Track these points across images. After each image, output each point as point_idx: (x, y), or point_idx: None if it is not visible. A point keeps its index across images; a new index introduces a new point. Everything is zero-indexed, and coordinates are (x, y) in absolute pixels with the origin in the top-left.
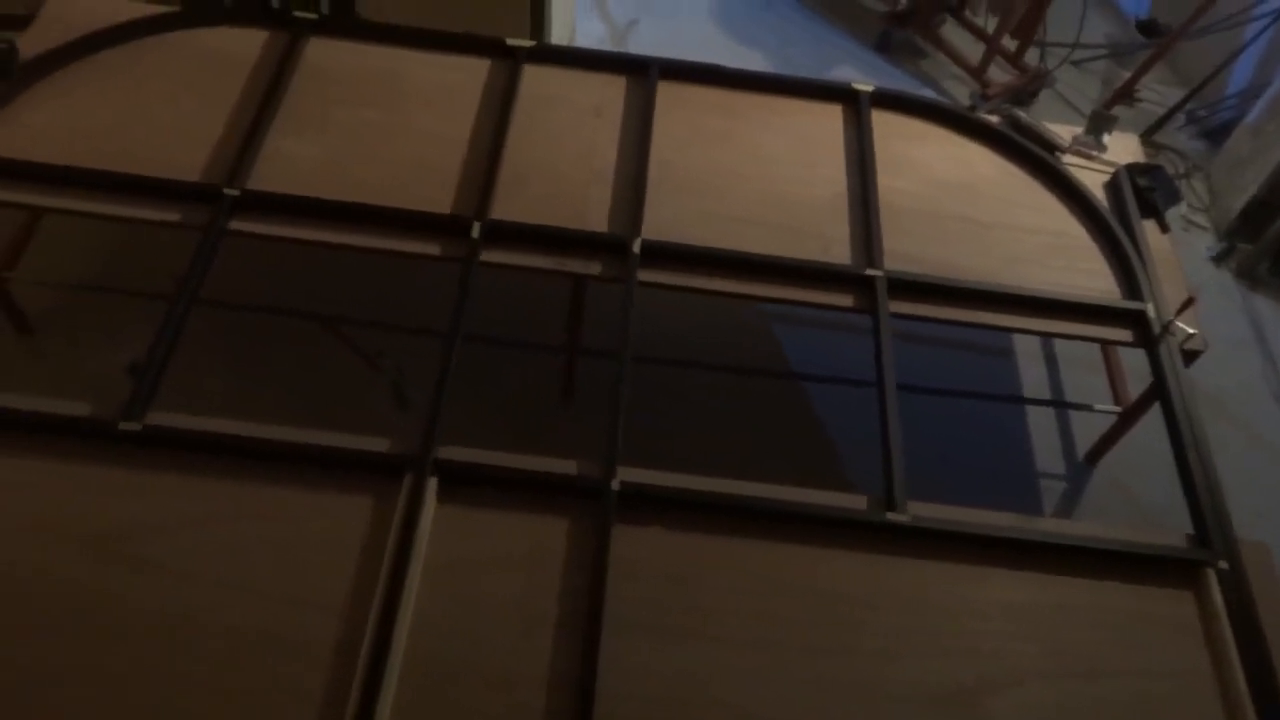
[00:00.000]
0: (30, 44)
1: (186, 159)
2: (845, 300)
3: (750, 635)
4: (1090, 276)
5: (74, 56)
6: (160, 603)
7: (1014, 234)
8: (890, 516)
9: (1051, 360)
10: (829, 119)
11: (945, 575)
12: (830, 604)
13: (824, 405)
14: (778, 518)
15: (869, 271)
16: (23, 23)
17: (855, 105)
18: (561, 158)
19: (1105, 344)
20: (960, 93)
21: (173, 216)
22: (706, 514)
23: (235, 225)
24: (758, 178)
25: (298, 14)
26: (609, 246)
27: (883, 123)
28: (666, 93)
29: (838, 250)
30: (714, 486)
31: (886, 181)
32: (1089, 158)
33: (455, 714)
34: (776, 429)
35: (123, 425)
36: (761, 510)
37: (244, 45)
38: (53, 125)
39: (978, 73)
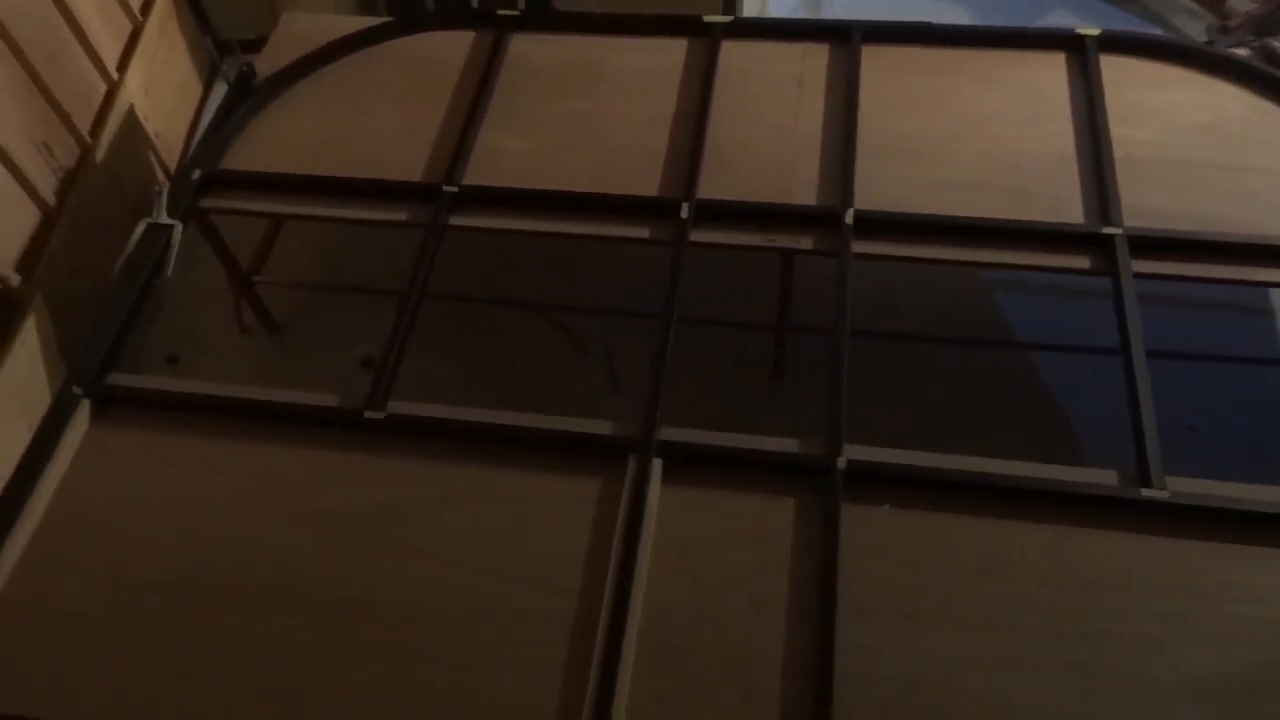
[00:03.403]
0: (264, 65)
1: (407, 160)
2: (1081, 262)
3: (993, 619)
4: None
5: (303, 74)
6: (409, 583)
7: (1276, 179)
8: (1145, 493)
9: None
10: (1052, 69)
11: (1210, 556)
12: (1081, 587)
13: (1053, 376)
14: (1018, 495)
15: (1107, 230)
16: (256, 46)
17: (1081, 52)
18: (766, 132)
19: None
20: (1195, 29)
21: (399, 216)
22: (940, 492)
23: (455, 220)
24: (976, 138)
25: (500, 13)
26: (820, 219)
27: (1113, 68)
28: (871, 56)
29: (1070, 209)
30: (946, 464)
31: (1122, 132)
32: None
33: (693, 693)
34: (1003, 402)
35: (368, 414)
36: (1000, 487)
37: (452, 47)
38: (288, 138)
39: (1215, 3)
